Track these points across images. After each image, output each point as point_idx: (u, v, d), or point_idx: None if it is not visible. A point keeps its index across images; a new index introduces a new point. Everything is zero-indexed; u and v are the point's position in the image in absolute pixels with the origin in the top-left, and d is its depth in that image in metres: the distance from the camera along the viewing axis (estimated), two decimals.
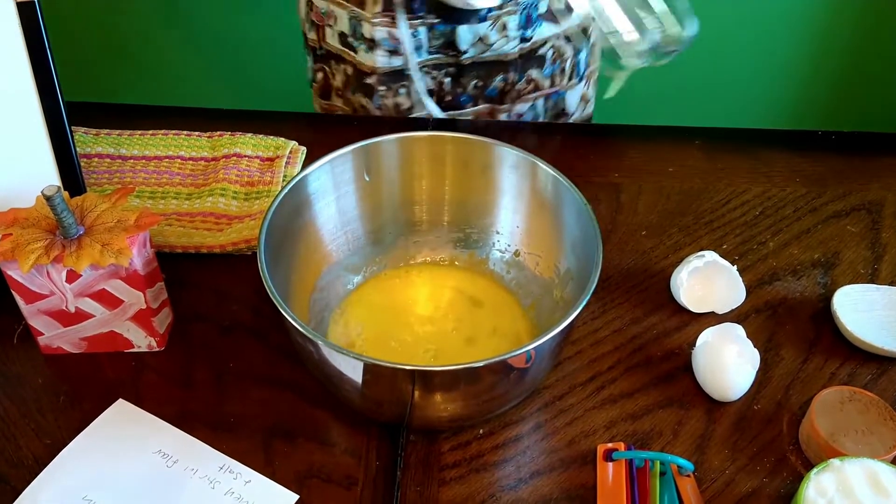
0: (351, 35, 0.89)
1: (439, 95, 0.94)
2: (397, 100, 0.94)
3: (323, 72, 0.96)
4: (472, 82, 0.93)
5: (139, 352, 0.67)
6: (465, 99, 0.95)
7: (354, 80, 0.93)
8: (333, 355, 0.54)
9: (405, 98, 0.93)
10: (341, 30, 0.90)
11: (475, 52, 0.90)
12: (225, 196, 0.78)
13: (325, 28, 0.92)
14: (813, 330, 0.69)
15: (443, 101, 0.94)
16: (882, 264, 0.75)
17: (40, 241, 0.59)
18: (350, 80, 0.94)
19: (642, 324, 0.70)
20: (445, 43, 0.89)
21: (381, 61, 0.90)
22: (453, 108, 0.95)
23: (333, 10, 0.89)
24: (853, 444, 0.58)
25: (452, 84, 0.93)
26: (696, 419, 0.63)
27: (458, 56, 0.90)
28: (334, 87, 0.96)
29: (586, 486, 0.59)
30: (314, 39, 0.94)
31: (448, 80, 0.92)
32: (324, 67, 0.96)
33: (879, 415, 0.60)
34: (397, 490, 0.58)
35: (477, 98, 0.95)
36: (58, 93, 0.67)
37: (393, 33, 0.87)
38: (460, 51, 0.90)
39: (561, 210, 0.65)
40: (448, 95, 0.94)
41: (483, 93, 0.94)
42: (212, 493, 0.58)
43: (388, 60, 0.90)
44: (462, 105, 0.95)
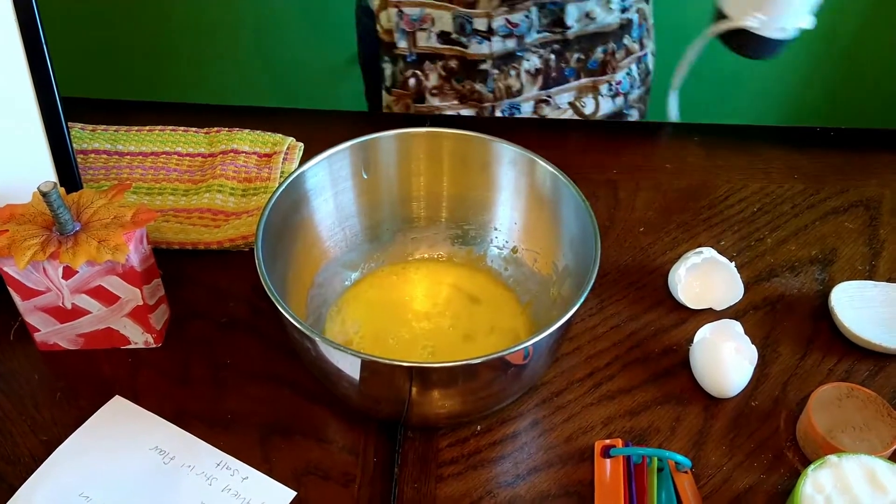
0: (457, 32, 0.91)
1: (545, 73, 0.95)
2: (508, 81, 0.95)
3: (416, 77, 0.96)
4: (575, 56, 0.95)
5: (136, 348, 0.67)
6: (569, 72, 0.96)
7: (462, 70, 0.94)
8: (331, 352, 0.54)
9: (515, 79, 0.95)
10: (442, 29, 0.91)
11: (580, 26, 0.92)
12: (222, 192, 0.78)
13: (418, 33, 0.92)
14: (810, 326, 0.69)
15: (549, 77, 0.96)
16: (880, 261, 0.75)
17: (36, 238, 0.59)
18: (455, 71, 0.95)
19: (640, 320, 0.70)
20: (554, 21, 0.91)
21: (496, 47, 0.91)
22: (558, 83, 0.96)
23: (430, 14, 0.90)
24: (851, 440, 0.58)
25: (557, 60, 0.95)
26: (693, 415, 0.63)
27: (563, 32, 0.92)
28: (428, 87, 0.97)
29: (584, 482, 0.59)
30: (404, 47, 0.94)
31: (553, 57, 0.94)
32: (416, 72, 0.96)
33: (877, 411, 0.60)
34: (395, 487, 0.58)
35: (579, 71, 0.96)
36: (54, 88, 0.66)
37: (509, 19, 0.89)
38: (566, 27, 0.92)
39: (559, 207, 0.65)
40: (553, 72, 0.95)
41: (585, 66, 0.96)
42: (209, 489, 0.58)
43: (503, 45, 0.91)
44: (566, 79, 0.97)
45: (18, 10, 0.64)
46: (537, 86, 0.96)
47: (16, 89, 0.66)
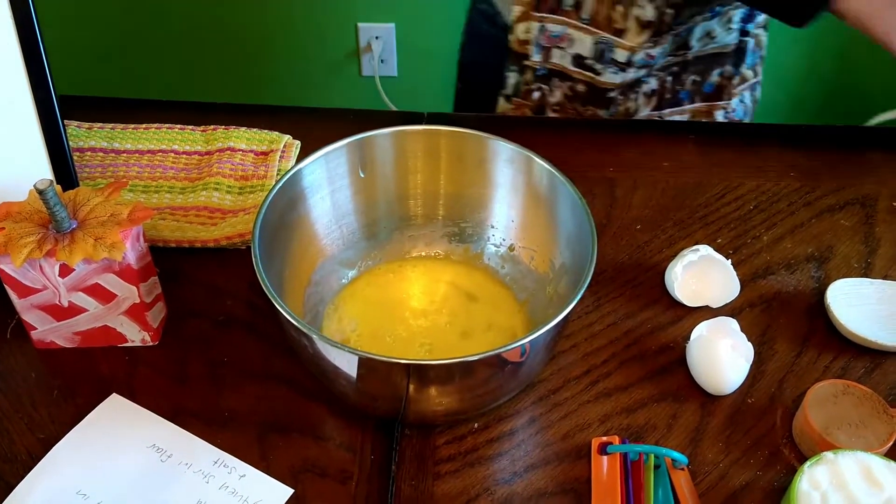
0: (594, 58, 0.91)
1: (661, 95, 0.96)
2: (628, 105, 0.96)
3: (540, 90, 0.96)
4: (690, 78, 0.95)
5: (133, 346, 0.67)
6: (684, 95, 0.97)
7: (588, 94, 0.95)
8: (328, 349, 0.54)
9: (633, 102, 0.96)
10: (578, 52, 0.91)
11: (699, 45, 0.93)
12: (219, 190, 0.78)
13: (553, 49, 0.92)
14: (807, 324, 0.70)
15: (664, 98, 0.96)
16: (875, 258, 0.75)
17: (33, 235, 0.59)
18: (580, 95, 0.95)
19: (637, 318, 0.70)
20: (679, 45, 0.92)
21: (629, 76, 0.92)
22: (671, 105, 0.97)
23: (571, 34, 0.90)
24: (847, 437, 0.58)
25: (673, 82, 0.95)
26: (690, 413, 0.63)
27: (685, 54, 0.93)
28: (550, 103, 0.97)
29: (581, 479, 0.59)
30: (538, 61, 0.94)
31: (670, 79, 0.95)
32: (542, 86, 0.96)
33: (873, 408, 0.60)
34: (392, 484, 0.58)
35: (694, 94, 0.97)
36: (50, 86, 0.66)
37: (650, 52, 0.90)
38: (689, 48, 0.92)
39: (556, 204, 0.65)
40: (668, 93, 0.96)
41: (700, 89, 0.96)
42: (206, 487, 0.58)
43: (635, 73, 0.92)
44: (681, 101, 0.97)
45: (15, 8, 0.64)
46: (650, 106, 0.97)
47: (12, 87, 0.66)
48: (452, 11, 1.84)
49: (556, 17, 0.90)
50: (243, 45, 1.87)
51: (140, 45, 1.86)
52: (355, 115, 0.90)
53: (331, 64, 1.92)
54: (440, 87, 1.95)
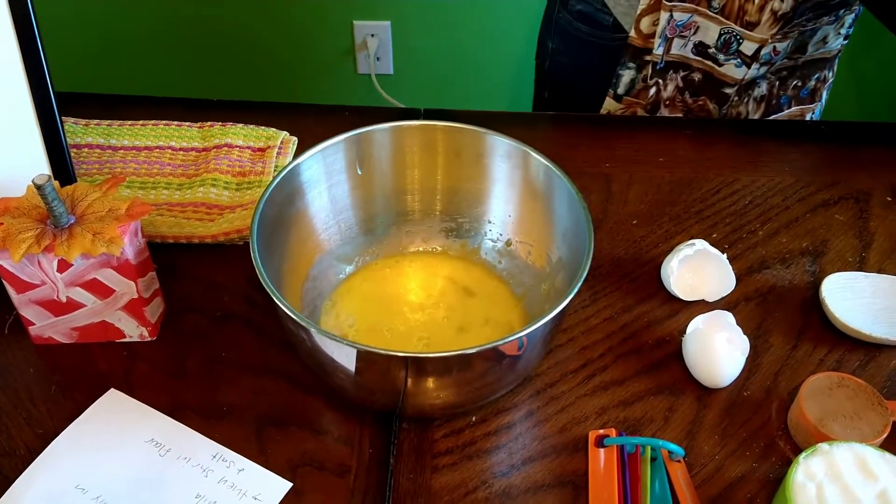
0: (719, 49, 0.90)
1: (768, 100, 0.96)
2: (739, 108, 0.96)
3: (657, 86, 0.95)
4: (794, 82, 0.95)
5: (131, 342, 0.67)
6: (784, 100, 0.96)
7: (704, 85, 0.93)
8: (326, 343, 0.55)
9: (744, 107, 0.95)
10: (701, 40, 0.90)
11: (813, 50, 0.92)
12: (216, 186, 0.78)
13: (675, 39, 0.91)
14: (802, 317, 0.70)
15: (770, 104, 0.96)
16: (870, 252, 0.76)
17: (31, 231, 0.59)
18: (695, 85, 0.94)
19: (633, 312, 0.70)
20: (798, 47, 0.91)
21: (751, 73, 0.91)
22: (774, 111, 0.97)
23: (697, 21, 0.89)
24: (841, 429, 0.59)
25: (779, 87, 0.95)
26: (686, 405, 0.63)
27: (798, 58, 0.93)
28: (664, 98, 0.96)
29: (578, 472, 0.59)
30: (659, 54, 0.92)
31: (777, 84, 0.94)
32: (658, 81, 0.95)
33: (868, 400, 0.60)
34: (390, 477, 0.59)
35: (792, 100, 0.97)
36: (48, 82, 0.66)
37: (777, 47, 0.89)
38: (804, 52, 0.92)
39: (552, 199, 0.66)
40: (774, 99, 0.96)
41: (799, 94, 0.96)
42: (205, 480, 0.58)
43: (756, 71, 0.91)
44: (781, 107, 0.97)
45: (13, 4, 0.64)
46: (759, 113, 0.96)
47: (10, 83, 0.66)
48: (447, 9, 1.84)
49: (686, 4, 0.88)
50: (239, 42, 1.87)
51: (137, 42, 1.86)
52: (352, 111, 0.90)
53: (326, 62, 1.92)
54: (435, 84, 1.95)
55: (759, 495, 0.58)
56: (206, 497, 0.57)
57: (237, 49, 1.88)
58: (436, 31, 1.85)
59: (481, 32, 1.84)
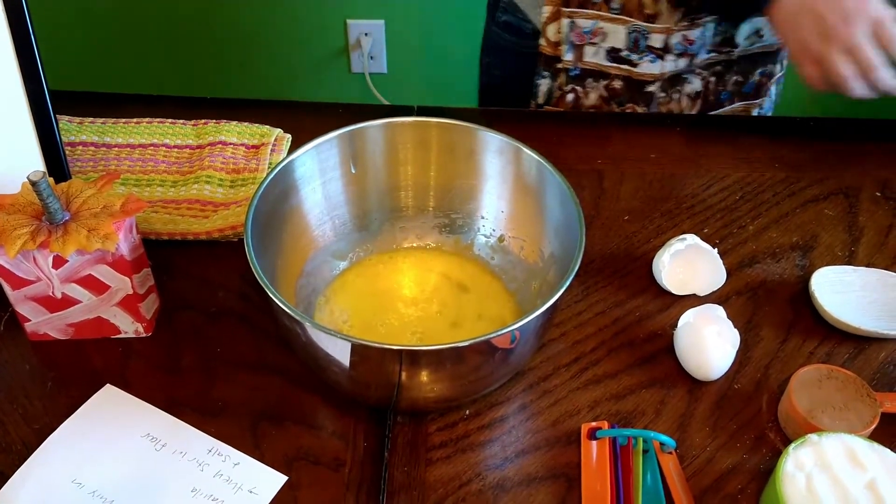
0: (629, 48, 0.90)
1: (704, 96, 0.95)
2: (670, 106, 0.95)
3: (574, 93, 0.95)
4: (733, 78, 0.95)
5: (126, 338, 0.67)
6: (725, 96, 0.96)
7: (626, 91, 0.93)
8: (321, 337, 0.55)
9: (676, 104, 0.95)
10: (612, 45, 0.90)
11: (746, 44, 0.92)
12: (210, 183, 0.79)
13: (587, 47, 0.91)
14: (791, 311, 0.71)
15: (707, 100, 0.96)
16: (859, 247, 0.77)
17: (26, 227, 0.60)
18: (618, 93, 0.94)
19: (625, 306, 0.71)
20: (724, 39, 0.90)
21: (668, 66, 0.91)
22: (713, 107, 0.96)
23: (603, 27, 0.89)
24: (831, 420, 0.59)
25: (717, 82, 0.94)
26: (677, 398, 0.64)
27: (730, 52, 0.92)
28: (585, 105, 0.96)
29: (571, 464, 0.60)
30: (570, 60, 0.93)
31: (714, 80, 0.94)
32: (575, 88, 0.95)
33: (857, 391, 0.61)
34: (385, 470, 0.59)
35: (734, 95, 0.96)
36: (42, 79, 0.67)
37: (687, 35, 0.88)
38: (734, 45, 0.91)
39: (545, 194, 0.66)
40: (711, 95, 0.95)
41: (741, 90, 0.96)
42: (200, 475, 0.58)
43: (674, 64, 0.91)
44: (721, 103, 0.96)
45: (7, 3, 0.64)
46: (695, 109, 0.96)
47: (4, 80, 0.66)
48: (441, 8, 1.85)
49: (586, 10, 0.88)
50: (234, 40, 1.87)
51: (131, 40, 1.85)
52: (345, 108, 0.91)
53: (320, 61, 1.92)
54: (429, 83, 1.95)
55: (749, 486, 0.58)
56: (201, 491, 0.57)
57: (231, 47, 1.88)
58: (430, 30, 1.85)
59: (475, 32, 1.84)
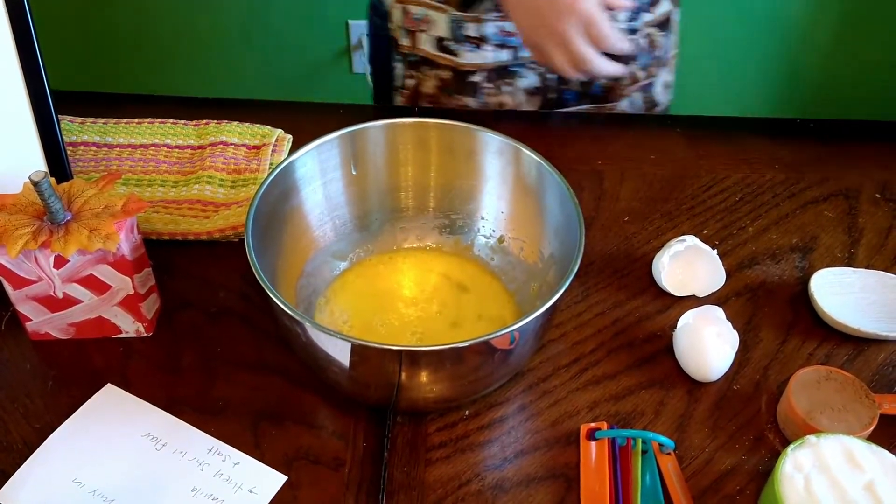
0: (451, 39, 0.89)
1: (544, 93, 0.93)
2: (501, 98, 0.93)
3: (414, 78, 0.95)
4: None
5: (127, 337, 0.67)
6: (570, 95, 0.94)
7: (454, 81, 0.92)
8: (321, 337, 0.55)
9: (509, 97, 0.93)
10: (438, 34, 0.90)
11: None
12: (211, 183, 0.79)
13: (419, 34, 0.91)
14: (791, 312, 0.71)
15: (547, 97, 0.94)
16: (858, 248, 0.77)
17: (28, 227, 0.60)
18: (448, 83, 0.93)
19: (625, 307, 0.71)
20: None
21: (489, 57, 0.90)
22: (557, 105, 0.95)
23: (430, 15, 0.88)
24: (829, 421, 0.59)
25: (558, 80, 0.93)
26: (677, 399, 0.64)
27: None
28: (423, 93, 0.95)
29: (570, 464, 0.60)
30: (408, 46, 0.92)
31: (554, 77, 0.92)
32: (414, 74, 0.95)
33: (855, 393, 0.61)
34: (384, 470, 0.59)
35: (581, 96, 0.95)
36: (44, 79, 0.67)
37: (503, 27, 0.87)
38: None
39: (544, 195, 0.66)
40: (552, 93, 0.94)
41: (588, 91, 0.94)
42: (201, 474, 0.58)
43: (495, 55, 0.90)
44: (567, 103, 0.95)
45: (9, 3, 0.64)
46: (534, 106, 0.94)
47: (6, 80, 0.66)
48: None
49: None
50: (235, 41, 1.87)
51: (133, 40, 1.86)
52: (346, 109, 0.91)
53: (322, 61, 1.93)
54: None
55: (748, 487, 0.59)
56: (201, 490, 0.58)
57: (233, 47, 1.88)
58: None
59: None
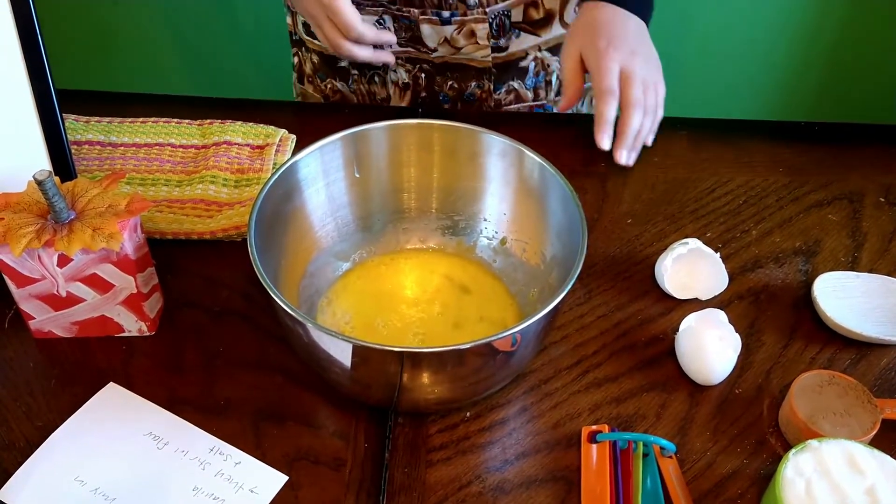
0: None
1: (415, 90, 0.94)
2: (372, 88, 0.93)
3: (298, 56, 0.96)
4: (448, 82, 0.93)
5: (130, 336, 0.67)
6: (444, 98, 0.95)
7: (324, 65, 0.92)
8: (323, 338, 0.55)
9: (380, 87, 0.93)
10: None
11: (444, 51, 0.91)
12: (215, 183, 0.79)
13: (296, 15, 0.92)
14: (794, 316, 0.71)
15: (419, 96, 0.95)
16: (862, 252, 0.77)
17: (32, 226, 0.60)
18: (318, 67, 0.93)
19: (627, 310, 0.71)
20: (412, 37, 0.89)
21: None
22: (432, 104, 0.95)
23: None
24: (831, 426, 0.59)
25: (428, 80, 0.93)
26: (678, 402, 0.64)
27: (428, 53, 0.91)
28: (305, 73, 0.96)
29: (571, 467, 0.60)
30: (290, 24, 0.94)
31: (424, 76, 0.92)
32: (298, 52, 0.96)
33: (857, 398, 0.61)
34: (385, 471, 0.59)
35: (455, 100, 0.95)
36: (48, 77, 0.67)
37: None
38: (429, 48, 0.90)
39: (547, 197, 0.66)
40: (424, 91, 0.94)
41: (461, 96, 0.95)
42: (202, 474, 0.58)
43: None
44: (441, 103, 0.96)
45: (14, 2, 0.65)
46: (405, 101, 0.95)
47: (10, 79, 0.66)
48: None
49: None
50: (238, 41, 1.88)
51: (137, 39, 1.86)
52: (350, 109, 0.91)
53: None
54: None
55: (749, 491, 0.59)
56: (203, 490, 0.58)
57: (236, 47, 1.88)
58: None
59: None
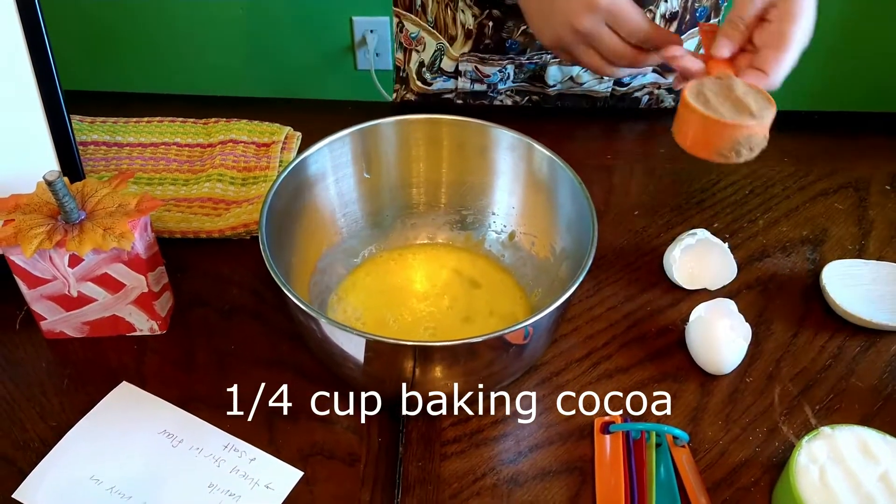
0: (428, 68, 0.90)
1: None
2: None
3: (398, 93, 0.96)
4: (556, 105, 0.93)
5: (141, 335, 0.68)
6: None
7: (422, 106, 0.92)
8: (336, 333, 0.55)
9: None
10: (423, 59, 0.90)
11: (563, 87, 0.91)
12: (222, 181, 0.79)
13: (412, 52, 0.91)
14: (802, 304, 0.71)
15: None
16: (869, 240, 0.77)
17: (42, 227, 0.60)
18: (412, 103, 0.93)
19: (636, 301, 0.71)
20: (533, 76, 0.90)
21: (462, 86, 0.90)
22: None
23: (424, 38, 0.88)
24: (730, 112, 0.60)
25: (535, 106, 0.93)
26: (690, 392, 0.64)
27: (544, 87, 0.91)
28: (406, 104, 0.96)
29: (584, 458, 0.60)
30: (400, 59, 0.93)
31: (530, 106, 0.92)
32: (399, 90, 0.96)
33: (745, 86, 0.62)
34: (399, 465, 0.60)
35: None
36: (55, 78, 0.67)
37: (480, 69, 0.88)
38: (547, 84, 0.90)
39: (556, 190, 0.66)
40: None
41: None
42: (217, 470, 0.59)
43: (470, 86, 0.90)
44: None
45: (20, 3, 0.65)
46: None
47: (18, 80, 0.66)
48: None
49: (411, 15, 0.88)
50: (241, 39, 1.88)
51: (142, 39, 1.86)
52: (354, 106, 0.91)
53: (326, 58, 1.93)
54: None
55: (762, 479, 0.59)
56: (218, 486, 0.58)
57: (239, 46, 1.88)
58: None
59: None
